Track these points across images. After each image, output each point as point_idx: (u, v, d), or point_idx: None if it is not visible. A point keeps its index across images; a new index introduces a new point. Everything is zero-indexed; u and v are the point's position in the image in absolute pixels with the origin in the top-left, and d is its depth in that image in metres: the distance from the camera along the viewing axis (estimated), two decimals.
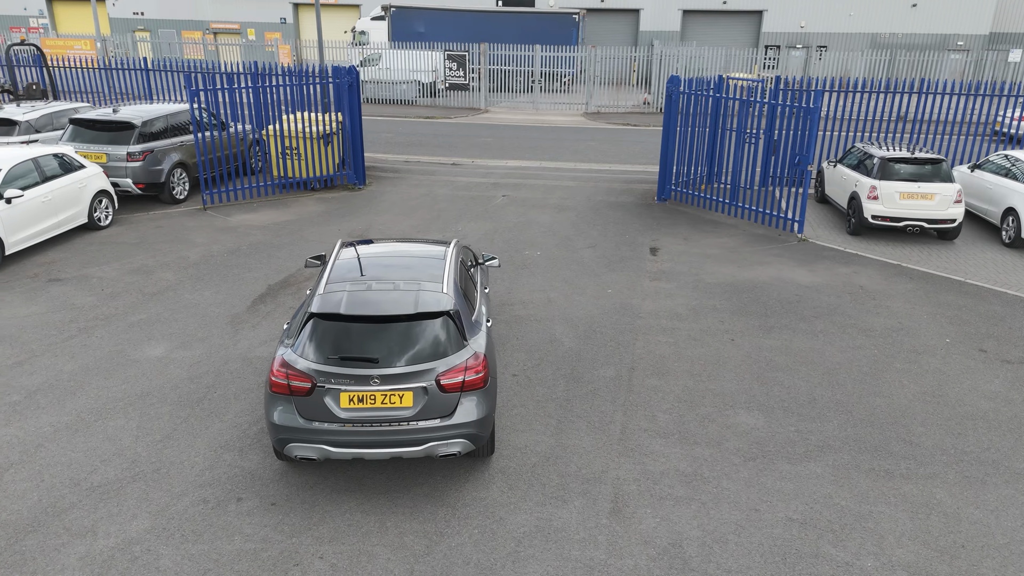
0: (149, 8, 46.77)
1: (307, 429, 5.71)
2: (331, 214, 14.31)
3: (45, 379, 7.85)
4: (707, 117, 14.76)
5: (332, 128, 15.84)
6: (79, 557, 5.32)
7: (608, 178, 17.93)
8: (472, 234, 13.13)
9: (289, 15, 45.14)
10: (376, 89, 31.22)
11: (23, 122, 14.65)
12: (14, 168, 11.40)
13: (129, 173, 13.92)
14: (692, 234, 13.36)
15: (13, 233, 11.16)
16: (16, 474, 6.25)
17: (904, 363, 8.55)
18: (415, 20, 36.86)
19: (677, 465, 6.55)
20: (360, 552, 5.44)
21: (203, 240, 12.60)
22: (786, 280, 11.12)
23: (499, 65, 31.30)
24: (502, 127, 26.07)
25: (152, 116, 14.45)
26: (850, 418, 7.35)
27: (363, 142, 16.41)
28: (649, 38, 41.43)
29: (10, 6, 48.70)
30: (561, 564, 5.37)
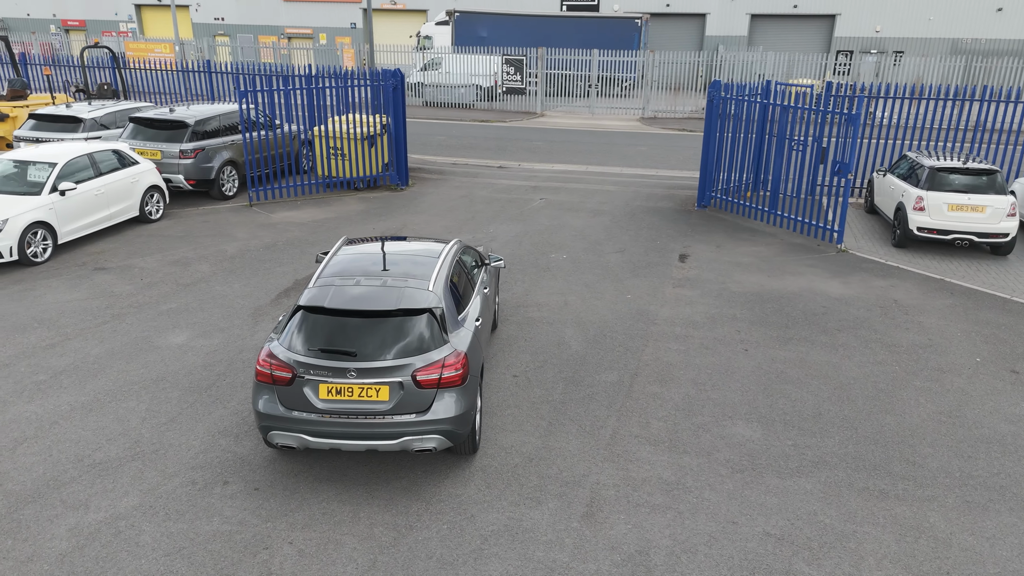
0: (229, 14, 48.76)
1: (288, 418, 5.89)
2: (369, 213, 14.64)
3: (72, 361, 8.32)
4: (750, 123, 14.42)
5: (377, 129, 16.20)
6: (69, 528, 5.64)
7: (651, 183, 17.72)
8: (502, 236, 13.22)
9: (359, 20, 46.30)
10: (435, 93, 31.71)
11: (88, 120, 15.53)
12: (70, 163, 12.11)
13: (181, 170, 14.59)
14: (726, 242, 13.09)
15: (66, 223, 11.86)
16: (28, 448, 6.66)
17: (925, 381, 8.17)
18: (478, 25, 37.25)
19: (661, 473, 6.46)
20: (329, 540, 5.58)
21: (243, 235, 13.09)
22: (816, 291, 10.77)
23: (557, 69, 31.34)
24: (555, 131, 26.09)
25: (205, 116, 15.10)
26: (854, 435, 7.08)
27: (407, 143, 16.71)
28: (715, 43, 40.73)
29: (103, 11, 51.60)
30: (522, 564, 5.37)
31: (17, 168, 11.94)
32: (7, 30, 53.02)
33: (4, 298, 10.07)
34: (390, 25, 46.26)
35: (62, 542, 5.49)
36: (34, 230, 11.28)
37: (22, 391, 7.65)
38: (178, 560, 5.33)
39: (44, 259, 11.51)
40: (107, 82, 19.66)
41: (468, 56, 31.31)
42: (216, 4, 48.77)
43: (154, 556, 5.36)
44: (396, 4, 45.02)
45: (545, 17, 36.78)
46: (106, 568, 5.24)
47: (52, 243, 11.64)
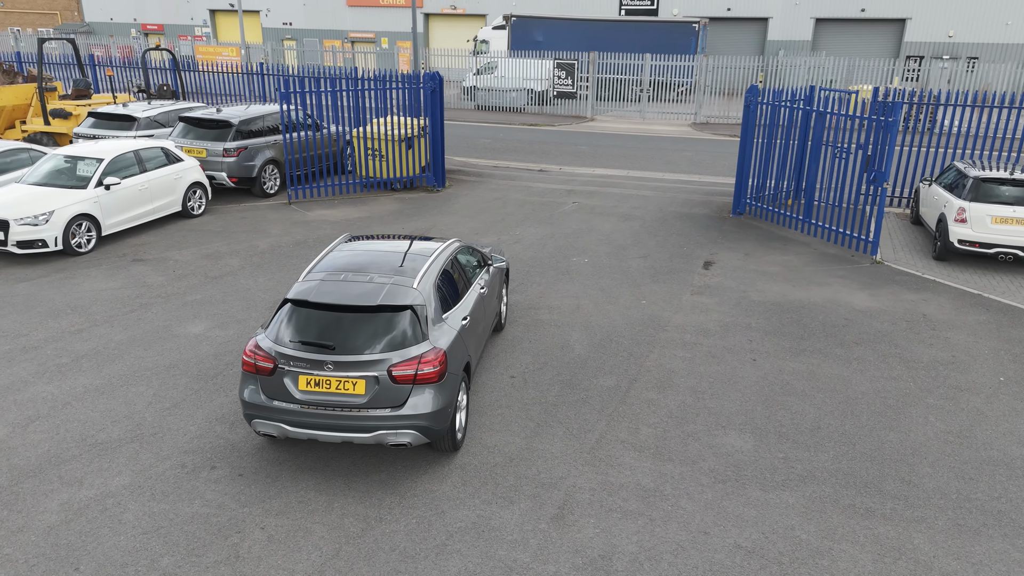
0: (297, 19, 50.27)
1: (269, 407, 6.07)
2: (401, 213, 14.88)
3: (95, 346, 8.75)
4: (789, 129, 14.07)
5: (415, 132, 16.47)
6: (60, 503, 5.94)
7: (690, 189, 17.47)
8: (527, 238, 13.25)
9: (420, 25, 47.04)
10: (487, 96, 31.97)
11: (142, 118, 16.27)
12: (116, 159, 12.73)
13: (224, 167, 15.14)
14: (756, 250, 12.80)
15: (110, 216, 12.47)
16: (39, 426, 7.04)
17: (939, 399, 7.83)
18: (534, 29, 37.38)
19: (640, 479, 6.38)
20: (299, 528, 5.72)
21: (277, 232, 13.50)
22: (840, 303, 10.44)
23: (610, 74, 31.18)
24: (602, 135, 25.97)
25: (249, 116, 15.63)
26: (850, 450, 6.85)
27: (444, 145, 16.92)
28: (777, 48, 39.82)
29: (180, 16, 53.90)
30: (482, 562, 5.40)
31: (68, 163, 12.62)
32: (91, 33, 55.92)
33: (45, 285, 10.66)
34: (450, 29, 46.87)
35: (52, 515, 5.79)
36: (79, 222, 11.90)
37: (44, 372, 8.09)
38: (154, 539, 5.56)
39: (88, 249, 12.12)
40: (166, 83, 20.56)
41: (521, 60, 31.46)
42: (285, 9, 50.33)
43: (133, 534, 5.60)
44: (456, 9, 45.58)
45: (601, 21, 36.64)
46: (87, 542, 5.51)
47: (96, 235, 12.26)
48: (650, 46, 34.32)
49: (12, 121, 18.98)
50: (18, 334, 9.04)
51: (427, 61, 39.36)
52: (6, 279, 10.86)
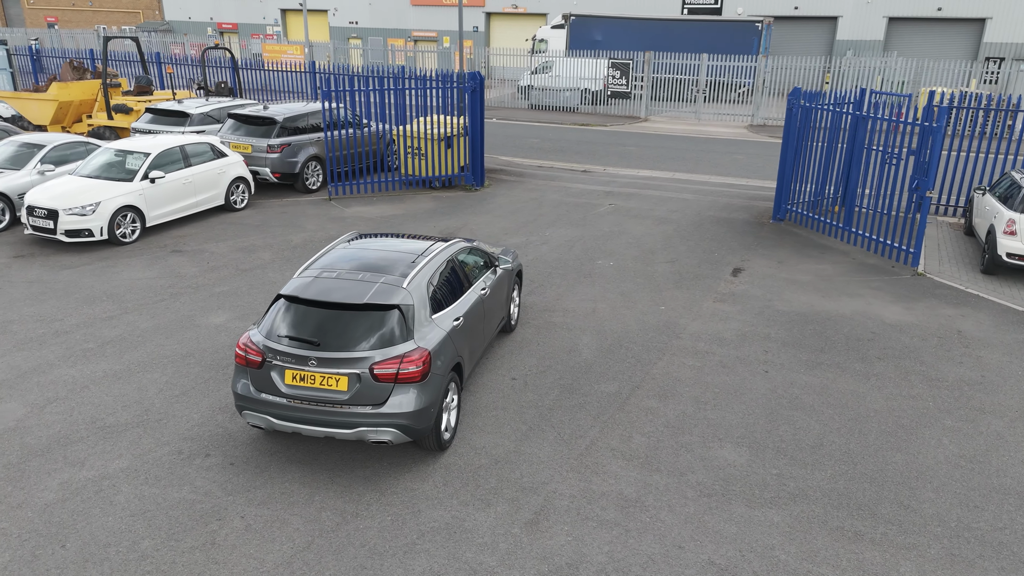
0: (363, 18, 51.23)
1: (257, 400, 6.23)
2: (436, 212, 15.02)
3: (121, 333, 9.14)
4: (833, 133, 13.57)
5: (455, 131, 16.59)
6: (60, 482, 6.24)
7: (733, 193, 17.06)
8: (556, 240, 13.19)
9: (482, 24, 47.33)
10: (540, 96, 31.92)
11: (195, 114, 16.89)
12: (162, 153, 13.26)
13: (268, 163, 15.59)
14: (790, 258, 12.42)
15: (154, 208, 13.01)
16: (56, 407, 7.41)
17: (958, 421, 7.45)
18: (593, 28, 37.11)
19: (623, 489, 6.29)
20: (277, 519, 5.86)
21: (312, 227, 13.82)
22: (870, 316, 10.03)
23: (667, 74, 30.71)
24: (653, 136, 25.60)
25: (294, 113, 16.04)
26: (850, 470, 6.58)
27: (483, 145, 16.98)
28: (847, 48, 38.45)
29: (253, 15, 55.64)
30: (448, 563, 5.42)
31: (118, 157, 13.21)
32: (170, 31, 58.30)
33: (87, 272, 11.19)
34: (511, 29, 46.98)
35: (50, 494, 6.09)
36: (124, 213, 12.45)
37: (70, 356, 8.51)
38: (139, 521, 5.78)
39: (132, 240, 12.67)
40: (224, 80, 21.28)
41: (578, 59, 31.28)
42: (351, 9, 51.37)
43: (121, 515, 5.84)
44: (517, 8, 45.67)
45: (661, 21, 36.10)
46: (77, 521, 5.77)
47: (140, 226, 12.80)
48: (711, 46, 33.63)
49: (79, 115, 19.99)
50: (53, 319, 9.52)
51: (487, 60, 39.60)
52: (53, 266, 11.45)
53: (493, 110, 31.60)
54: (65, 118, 19.80)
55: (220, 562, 5.37)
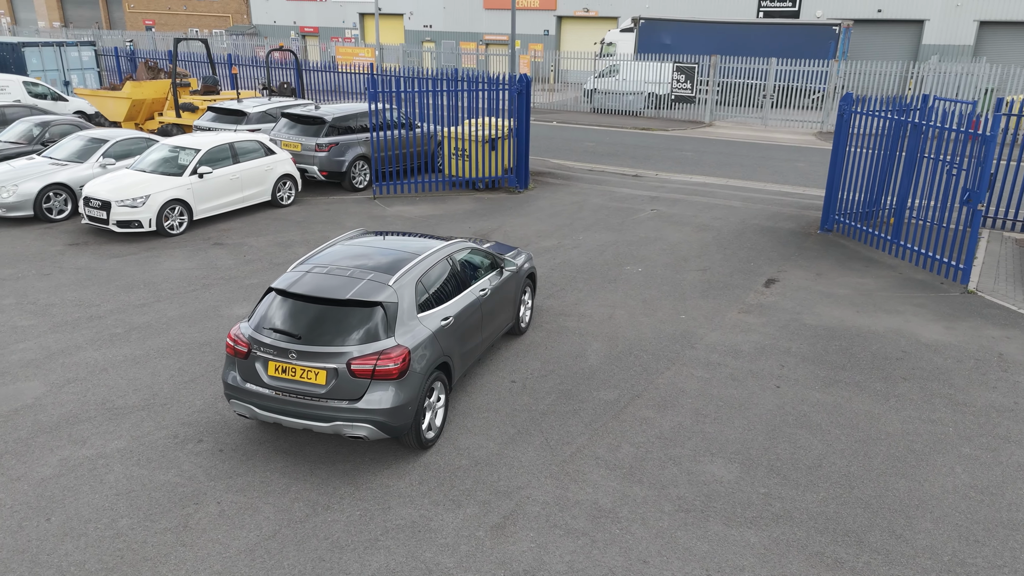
0: (437, 21, 52.05)
1: (243, 389, 6.40)
2: (474, 213, 15.09)
3: (149, 320, 9.55)
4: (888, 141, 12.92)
5: (501, 133, 16.62)
6: (60, 459, 6.56)
7: (785, 202, 16.48)
8: (588, 244, 13.04)
9: (553, 27, 47.33)
10: (604, 99, 31.67)
11: (252, 113, 17.51)
12: (211, 150, 13.79)
13: (316, 161, 16.01)
14: (831, 270, 11.89)
15: (201, 202, 13.55)
16: (73, 387, 7.80)
17: (977, 449, 6.96)
18: (663, 32, 36.57)
19: (599, 498, 6.15)
20: (251, 506, 5.99)
21: (352, 224, 14.10)
22: (904, 334, 9.50)
23: (733, 78, 29.94)
24: (714, 142, 25.00)
25: (343, 113, 16.42)
26: (845, 494, 6.24)
27: (528, 147, 16.96)
28: (933, 52, 36.60)
29: (333, 19, 57.33)
30: (406, 562, 5.42)
31: (172, 153, 13.82)
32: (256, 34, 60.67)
33: (132, 262, 11.75)
34: (582, 32, 46.80)
35: (48, 469, 6.41)
36: (172, 206, 13.02)
37: (97, 339, 8.94)
38: (122, 500, 6.02)
39: (179, 232, 13.24)
40: (287, 81, 21.99)
41: (644, 63, 30.89)
42: (426, 12, 52.26)
43: (107, 494, 6.09)
44: (588, 11, 45.45)
45: (733, 24, 35.25)
46: (66, 497, 6.06)
47: (188, 218, 13.36)
48: (785, 50, 32.61)
49: (152, 113, 21.03)
50: (91, 304, 10.03)
51: (556, 64, 39.57)
52: (102, 254, 12.07)
53: (554, 113, 31.55)
54: (139, 115, 20.87)
55: (188, 545, 5.53)
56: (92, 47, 27.24)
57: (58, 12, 74.16)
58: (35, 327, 9.27)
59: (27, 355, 8.52)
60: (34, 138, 16.19)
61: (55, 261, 11.72)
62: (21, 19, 75.83)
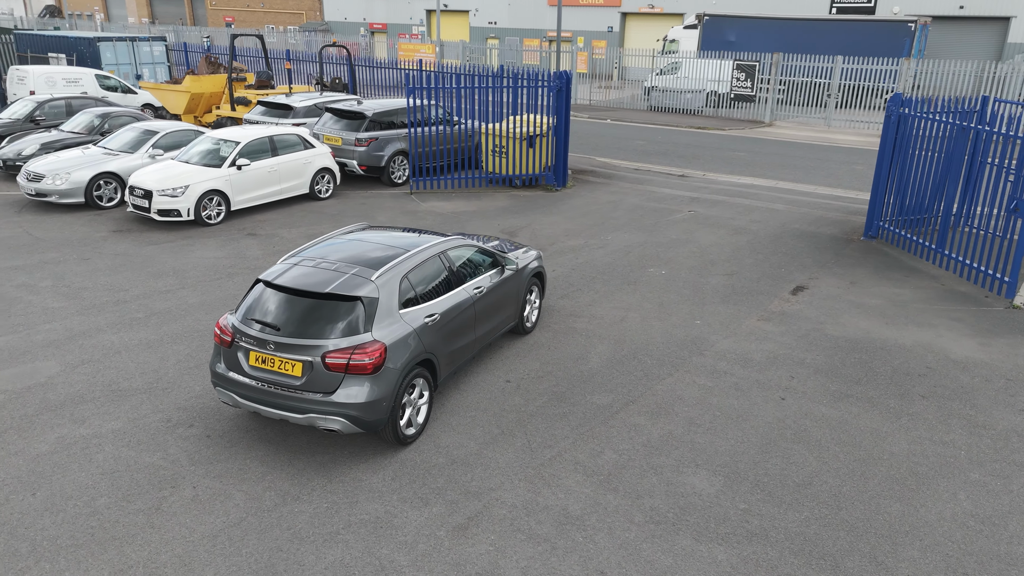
0: (501, 18, 52.17)
1: (226, 377, 6.53)
2: (507, 210, 15.04)
3: (170, 306, 9.88)
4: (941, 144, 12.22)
5: (540, 130, 16.51)
6: (57, 437, 6.84)
7: (831, 206, 15.82)
8: (614, 244, 12.82)
9: (616, 24, 46.78)
10: (661, 97, 31.11)
11: (299, 107, 17.90)
12: (251, 143, 14.17)
13: (355, 156, 16.25)
14: (866, 279, 11.34)
15: (239, 194, 13.93)
16: (85, 368, 8.13)
17: (987, 475, 6.51)
18: (727, 29, 35.65)
19: (569, 505, 6.01)
20: (223, 493, 6.10)
21: (383, 218, 14.25)
22: (933, 349, 8.98)
23: (799, 76, 28.93)
24: (771, 142, 24.23)
25: (384, 109, 16.62)
26: (830, 515, 5.93)
27: (567, 145, 16.79)
28: (1018, 51, 34.52)
29: (401, 16, 58.18)
30: (361, 557, 5.42)
31: (215, 145, 14.26)
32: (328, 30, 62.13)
33: (167, 249, 12.18)
34: (647, 29, 46.09)
35: (44, 446, 6.69)
36: (210, 196, 13.43)
37: (118, 323, 9.30)
38: (105, 479, 6.23)
39: (217, 221, 13.65)
40: (338, 76, 22.41)
41: (705, 61, 30.19)
42: (491, 9, 52.45)
43: (93, 473, 6.32)
44: (654, 8, 44.72)
45: (801, 21, 34.05)
46: (55, 473, 6.31)
47: (226, 209, 13.76)
48: (857, 47, 31.32)
49: (210, 106, 21.76)
50: (119, 289, 10.44)
51: (618, 61, 39.09)
52: (141, 242, 12.55)
53: (610, 111, 31.19)
54: (197, 108, 21.64)
55: (156, 527, 5.68)
56: (163, 42, 28.38)
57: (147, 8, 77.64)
58: (64, 309, 9.71)
59: (51, 335, 8.92)
60: (94, 128, 16.96)
61: (97, 247, 12.25)
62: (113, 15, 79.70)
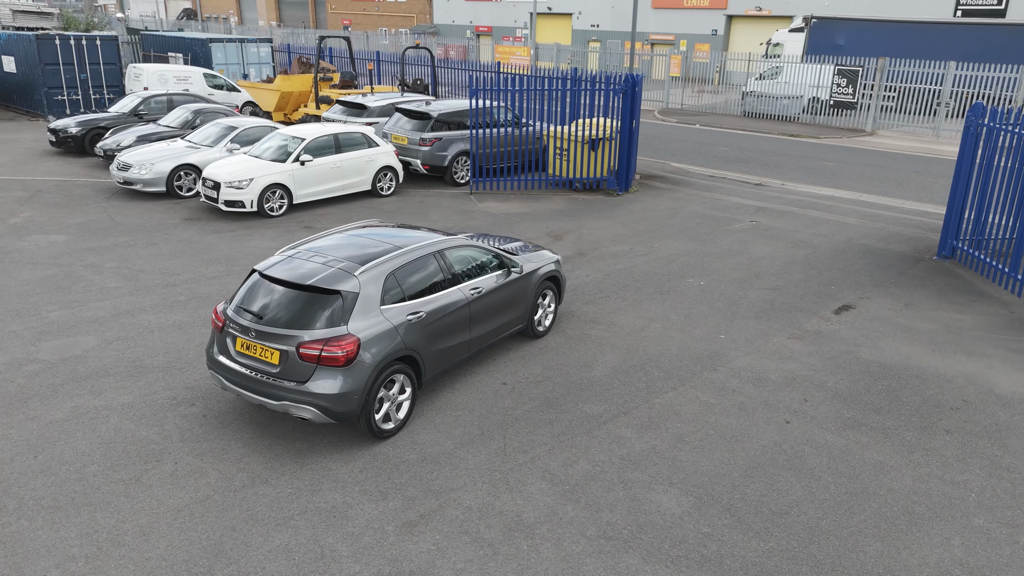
0: (604, 21, 51.82)
1: (216, 361, 6.85)
2: (560, 213, 14.94)
3: (212, 291, 10.44)
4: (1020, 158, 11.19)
5: (605, 134, 16.31)
6: (73, 407, 7.38)
7: (910, 221, 14.77)
8: (659, 252, 12.48)
9: (721, 27, 45.45)
10: (756, 103, 29.98)
11: (373, 107, 18.47)
12: (315, 139, 14.75)
13: (419, 155, 16.60)
14: (924, 301, 10.53)
15: (301, 188, 14.54)
16: (118, 345, 8.73)
17: (992, 522, 5.91)
18: (836, 32, 33.88)
19: (525, 512, 5.92)
20: (200, 470, 6.40)
21: (436, 216, 14.50)
22: (977, 382, 8.24)
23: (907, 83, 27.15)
24: (866, 152, 22.87)
25: (449, 110, 16.88)
26: (798, 548, 5.55)
27: (632, 150, 16.49)
28: None
29: (506, 19, 58.87)
30: (305, 543, 5.55)
31: (284, 141, 14.95)
32: (437, 33, 63.71)
33: (227, 238, 12.87)
34: (754, 32, 44.53)
35: (59, 414, 7.24)
36: (273, 190, 14.09)
37: (161, 304, 9.92)
38: (101, 449, 6.67)
39: (279, 214, 14.30)
40: (420, 77, 22.95)
41: (808, 66, 28.87)
42: (594, 12, 52.19)
43: (92, 442, 6.78)
44: (761, 10, 43.14)
45: (919, 24, 31.91)
46: (60, 439, 6.81)
47: (288, 202, 14.40)
48: (982, 53, 29.03)
49: (298, 105, 22.81)
50: (172, 273, 11.13)
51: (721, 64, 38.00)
52: (206, 230, 13.33)
53: (701, 116, 30.36)
54: (287, 106, 22.73)
55: (130, 497, 6.04)
56: (269, 43, 29.98)
57: (275, 12, 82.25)
58: (119, 289, 10.46)
59: (99, 312, 9.63)
60: (187, 123, 18.14)
61: (166, 233, 13.11)
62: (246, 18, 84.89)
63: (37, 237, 12.61)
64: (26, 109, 26.00)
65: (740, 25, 44.98)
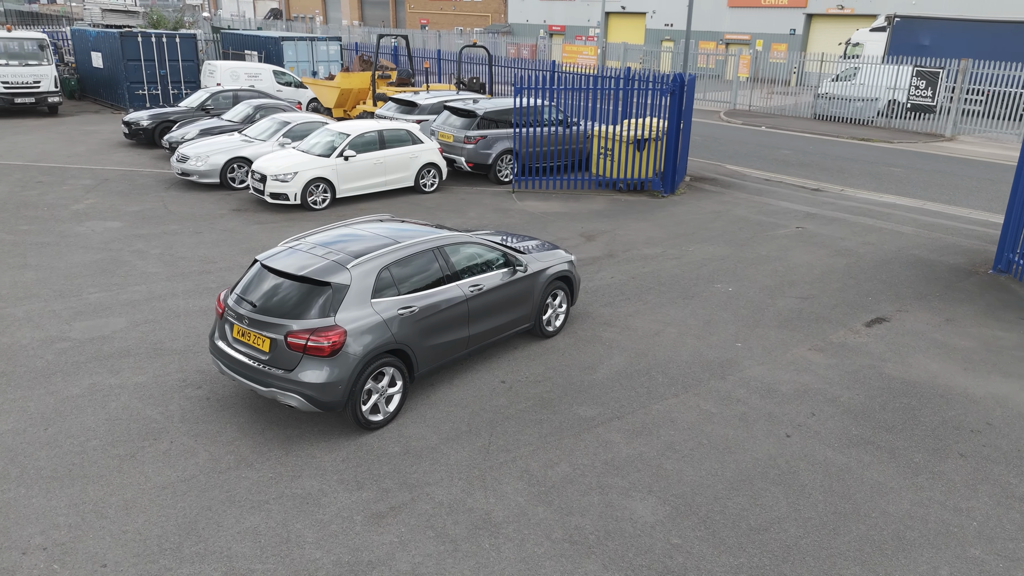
0: (678, 20, 50.92)
1: (216, 346, 7.09)
2: (598, 214, 14.78)
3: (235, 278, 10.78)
4: None
5: (651, 134, 16.04)
6: (90, 383, 7.77)
7: (970, 232, 13.94)
8: (691, 256, 12.19)
9: (800, 26, 43.95)
10: (827, 106, 28.87)
11: (423, 104, 18.71)
12: (360, 135, 15.05)
13: (464, 153, 16.72)
14: (968, 317, 9.93)
15: (344, 183, 14.87)
16: (144, 327, 9.13)
17: (990, 553, 5.52)
18: (920, 32, 32.27)
19: (495, 511, 5.89)
20: (192, 450, 6.64)
21: (472, 214, 14.58)
22: (1007, 404, 7.72)
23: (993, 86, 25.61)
24: (939, 158, 21.71)
25: (495, 108, 16.94)
26: (770, 567, 5.33)
27: (678, 151, 16.16)
28: None
29: (579, 18, 58.63)
30: (274, 527, 5.67)
31: (330, 137, 15.33)
32: (511, 33, 63.98)
33: (269, 229, 13.29)
34: (834, 31, 42.89)
35: (77, 390, 7.64)
36: (316, 183, 14.47)
37: (192, 290, 10.33)
38: (106, 425, 7.00)
39: (322, 207, 14.67)
40: (476, 76, 23.09)
41: (885, 67, 27.63)
42: (669, 11, 51.35)
43: (99, 418, 7.12)
44: (843, 8, 41.49)
45: (1010, 24, 30.06)
46: (71, 413, 7.18)
47: (331, 196, 14.76)
48: None
49: (357, 101, 23.33)
50: (210, 261, 11.57)
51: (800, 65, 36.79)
52: (250, 221, 13.80)
53: (768, 117, 29.47)
54: (347, 103, 23.28)
55: (123, 472, 6.32)
56: (338, 42, 30.77)
57: (358, 12, 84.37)
58: (158, 274, 10.95)
59: (134, 296, 10.11)
60: (248, 118, 18.82)
61: (212, 222, 13.65)
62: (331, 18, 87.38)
63: (95, 223, 13.34)
64: (111, 102, 27.54)
65: (820, 24, 43.40)
